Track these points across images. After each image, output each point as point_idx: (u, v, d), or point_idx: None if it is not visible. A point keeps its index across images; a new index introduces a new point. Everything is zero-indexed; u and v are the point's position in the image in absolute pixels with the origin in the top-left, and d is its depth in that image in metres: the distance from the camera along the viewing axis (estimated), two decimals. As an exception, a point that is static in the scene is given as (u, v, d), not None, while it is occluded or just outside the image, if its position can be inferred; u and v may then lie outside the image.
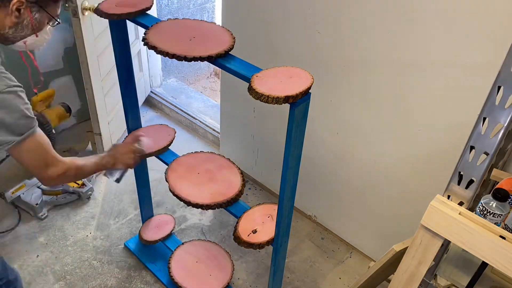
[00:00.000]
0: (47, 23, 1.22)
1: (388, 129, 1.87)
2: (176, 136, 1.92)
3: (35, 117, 1.16)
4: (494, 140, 1.19)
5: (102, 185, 2.60)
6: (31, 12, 1.13)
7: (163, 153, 1.85)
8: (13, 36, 1.16)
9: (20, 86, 1.12)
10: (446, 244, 1.32)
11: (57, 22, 1.23)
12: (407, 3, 1.58)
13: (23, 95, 1.12)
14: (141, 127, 1.96)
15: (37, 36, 1.21)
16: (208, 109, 3.21)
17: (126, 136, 1.61)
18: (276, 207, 1.59)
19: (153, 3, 1.57)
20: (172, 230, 2.22)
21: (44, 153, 1.20)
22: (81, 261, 2.17)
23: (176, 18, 1.54)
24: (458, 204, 1.26)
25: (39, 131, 1.17)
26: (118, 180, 1.58)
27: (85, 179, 2.51)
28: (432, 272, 1.41)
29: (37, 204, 2.33)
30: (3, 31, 1.13)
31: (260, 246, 1.53)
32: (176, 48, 1.34)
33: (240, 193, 1.64)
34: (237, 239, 1.54)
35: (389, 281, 1.80)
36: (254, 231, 1.56)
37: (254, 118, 2.43)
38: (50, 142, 1.23)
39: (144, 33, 1.41)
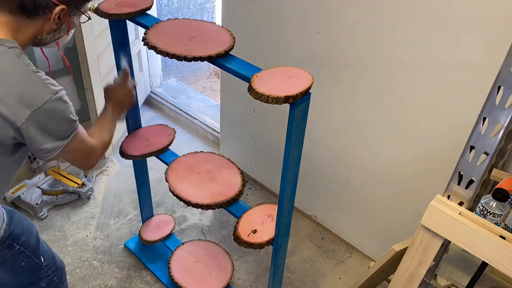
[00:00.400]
0: (79, 19, 1.21)
1: (388, 129, 1.87)
2: (176, 136, 1.92)
3: (77, 117, 1.14)
4: (494, 140, 1.19)
5: (102, 185, 2.60)
6: (70, 16, 1.12)
7: (163, 153, 1.85)
8: (50, 40, 1.15)
9: (62, 88, 1.09)
10: (446, 244, 1.32)
11: (88, 19, 1.23)
12: (407, 3, 1.58)
13: (66, 97, 1.09)
14: (141, 127, 1.96)
15: (68, 34, 1.20)
16: (208, 109, 3.21)
17: (115, 78, 1.54)
18: (276, 207, 1.59)
19: (153, 3, 1.57)
20: (172, 230, 2.22)
21: (84, 147, 1.20)
22: (81, 261, 2.17)
23: (176, 18, 1.54)
24: (458, 204, 1.26)
25: (79, 128, 1.15)
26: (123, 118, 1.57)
27: (85, 180, 2.51)
28: (432, 272, 1.41)
29: (37, 204, 2.33)
30: (41, 36, 1.11)
31: (260, 246, 1.53)
32: (176, 48, 1.34)
33: (240, 193, 1.64)
34: (237, 239, 1.54)
35: (389, 281, 1.80)
36: (254, 231, 1.56)
37: (254, 118, 2.43)
38: (85, 131, 1.21)
39: (144, 33, 1.41)
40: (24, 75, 1.01)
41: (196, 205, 1.59)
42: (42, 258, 1.39)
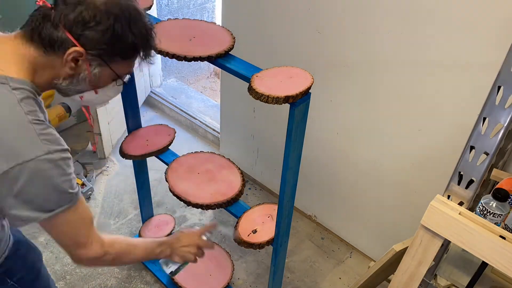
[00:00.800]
0: (112, 80, 1.01)
1: (388, 129, 1.87)
2: (176, 136, 1.92)
3: (76, 191, 0.95)
4: (494, 140, 1.19)
5: (102, 185, 2.60)
6: (89, 66, 0.94)
7: (163, 153, 1.85)
8: (67, 88, 0.98)
9: (66, 151, 0.91)
10: (446, 244, 1.32)
11: (122, 83, 1.03)
12: (407, 3, 1.58)
13: (65, 163, 0.90)
14: (141, 127, 1.97)
15: (96, 93, 1.02)
16: (208, 109, 3.21)
17: (193, 229, 1.39)
18: (276, 207, 1.59)
19: (153, 3, 1.57)
20: (172, 230, 2.22)
21: (75, 231, 1.00)
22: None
23: (176, 18, 1.54)
24: (458, 204, 1.26)
25: (76, 206, 0.95)
26: (172, 273, 1.36)
27: (85, 180, 2.51)
28: (432, 272, 1.41)
29: (37, 204, 2.33)
30: (57, 81, 0.95)
31: (260, 246, 1.53)
32: (176, 48, 1.34)
33: (240, 193, 1.64)
34: (237, 239, 1.54)
35: (389, 281, 1.80)
36: (254, 231, 1.56)
37: (254, 118, 2.43)
38: (90, 217, 1.02)
39: (144, 33, 1.41)
40: (17, 124, 0.85)
41: (196, 205, 1.59)
42: None
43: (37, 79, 0.92)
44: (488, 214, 1.21)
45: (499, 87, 1.14)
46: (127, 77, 1.03)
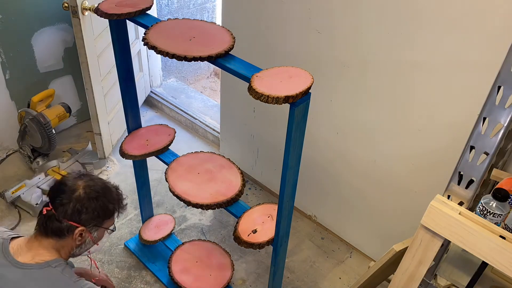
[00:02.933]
0: (105, 232, 1.42)
1: (388, 129, 1.87)
2: (176, 136, 1.92)
3: None
4: (494, 140, 1.19)
5: (102, 185, 2.60)
6: (90, 233, 1.34)
7: (163, 153, 1.85)
8: (79, 252, 1.38)
9: None
10: (446, 244, 1.32)
11: (112, 231, 1.44)
12: (407, 3, 1.58)
13: None
14: (141, 127, 1.97)
15: (97, 244, 1.41)
16: (208, 109, 3.21)
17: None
18: (276, 207, 1.59)
19: (153, 3, 1.58)
20: (172, 230, 2.22)
21: None
22: (81, 261, 2.17)
23: (176, 18, 1.54)
24: (458, 204, 1.26)
25: None
26: None
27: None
28: (432, 272, 1.41)
29: (37, 204, 2.33)
30: (72, 252, 1.35)
31: (260, 246, 1.53)
32: (176, 48, 1.34)
33: (240, 193, 1.64)
34: (237, 239, 1.54)
35: (389, 281, 1.80)
36: (254, 231, 1.56)
37: (254, 118, 2.43)
38: None
39: (144, 33, 1.42)
40: (67, 285, 1.26)
41: (196, 205, 1.59)
42: None
43: (62, 254, 1.32)
44: (488, 214, 1.21)
45: (499, 87, 1.14)
46: (114, 226, 1.44)
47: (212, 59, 1.32)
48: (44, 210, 1.30)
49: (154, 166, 2.54)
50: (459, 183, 1.29)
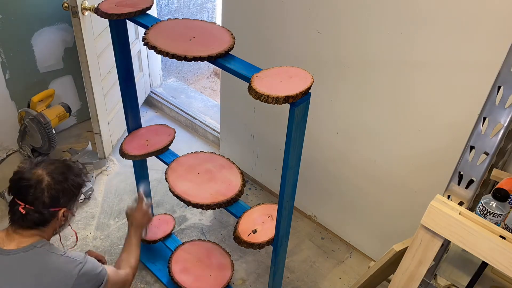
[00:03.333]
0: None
1: (388, 129, 1.87)
2: (176, 136, 1.92)
3: (102, 267, 1.37)
4: (494, 140, 1.19)
5: (102, 185, 2.60)
6: (70, 210, 1.39)
7: (163, 153, 1.85)
8: (62, 229, 1.42)
9: (85, 256, 1.35)
10: (446, 244, 1.32)
11: (83, 199, 1.56)
12: (407, 3, 1.58)
13: (89, 259, 1.35)
14: (141, 127, 1.97)
15: (74, 215, 1.46)
16: (208, 109, 3.21)
17: (133, 201, 1.76)
18: (276, 207, 1.59)
19: (153, 3, 1.58)
20: (172, 230, 2.22)
21: (117, 282, 1.45)
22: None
23: (176, 18, 1.54)
24: (458, 204, 1.26)
25: (108, 271, 1.40)
26: (145, 234, 1.77)
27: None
28: (432, 272, 1.41)
29: (37, 204, 2.33)
30: (55, 231, 1.39)
31: (260, 246, 1.53)
32: (176, 48, 1.34)
33: (240, 193, 1.64)
34: (237, 239, 1.54)
35: (389, 281, 1.80)
36: (254, 231, 1.56)
37: (254, 118, 2.43)
38: (113, 269, 1.46)
39: (144, 33, 1.42)
40: (58, 261, 1.30)
41: (196, 205, 1.59)
42: None
43: (45, 236, 1.34)
44: (488, 214, 1.21)
45: (499, 87, 1.14)
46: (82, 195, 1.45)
47: (212, 59, 1.32)
48: (20, 210, 1.29)
49: (154, 166, 2.54)
50: (459, 183, 1.29)
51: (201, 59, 1.31)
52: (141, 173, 2.08)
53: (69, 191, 1.34)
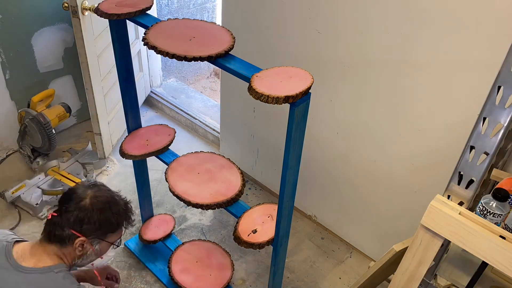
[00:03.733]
0: (110, 247, 1.42)
1: (388, 129, 1.87)
2: (176, 136, 1.92)
3: None
4: (494, 140, 1.19)
5: (102, 185, 2.60)
6: (92, 245, 1.33)
7: (163, 153, 1.85)
8: (82, 264, 1.38)
9: None
10: (446, 244, 1.32)
11: (117, 246, 1.44)
12: (407, 3, 1.58)
13: None
14: (141, 127, 1.97)
15: (102, 258, 1.43)
16: (208, 109, 3.21)
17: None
18: (276, 207, 1.59)
19: (153, 3, 1.58)
20: (172, 230, 2.22)
21: None
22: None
23: (176, 18, 1.54)
24: (458, 204, 1.26)
25: None
26: None
27: (85, 179, 2.51)
28: (432, 272, 1.41)
29: (37, 204, 2.33)
30: (74, 262, 1.34)
31: (260, 246, 1.53)
32: (176, 48, 1.34)
33: (240, 193, 1.64)
34: (237, 239, 1.54)
35: (389, 281, 1.80)
36: (254, 231, 1.56)
37: (254, 118, 2.43)
38: None
39: (144, 33, 1.42)
40: None
41: (196, 205, 1.59)
42: None
43: (65, 261, 1.31)
44: (488, 214, 1.21)
45: (499, 87, 1.14)
46: (119, 241, 1.44)
47: (212, 59, 1.32)
48: (49, 215, 1.30)
49: (154, 166, 2.54)
50: (459, 183, 1.29)
51: (201, 59, 1.31)
52: (141, 173, 2.08)
53: (97, 223, 1.30)
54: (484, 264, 1.23)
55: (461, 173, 1.27)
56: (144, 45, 1.38)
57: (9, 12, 2.42)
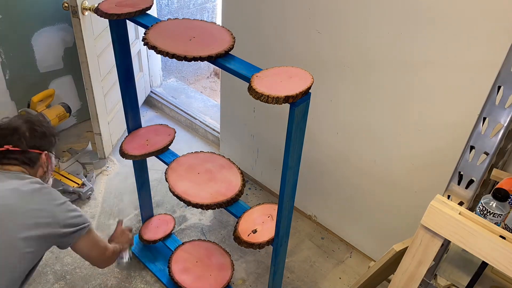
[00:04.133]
0: (56, 160, 1.61)
1: (388, 129, 1.87)
2: (176, 136, 1.92)
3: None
4: (494, 140, 1.19)
5: (102, 185, 2.60)
6: (50, 158, 1.49)
7: (163, 153, 1.85)
8: (48, 178, 1.52)
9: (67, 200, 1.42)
10: (446, 244, 1.32)
11: (58, 160, 1.58)
12: (407, 3, 1.58)
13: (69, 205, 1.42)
14: (141, 127, 1.97)
15: (52, 175, 1.57)
16: (208, 109, 3.21)
17: (115, 230, 1.79)
18: (276, 207, 1.59)
19: (153, 3, 1.58)
20: (172, 230, 2.22)
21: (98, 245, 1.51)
22: (81, 261, 2.17)
23: (176, 18, 1.54)
24: (458, 204, 1.26)
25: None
26: (130, 259, 1.77)
27: (85, 180, 2.51)
28: (432, 272, 1.41)
29: (37, 204, 2.33)
30: (42, 176, 1.47)
31: (260, 246, 1.53)
32: (176, 48, 1.34)
33: (240, 193, 1.64)
34: (237, 239, 1.54)
35: (389, 281, 1.80)
36: (254, 231, 1.56)
37: (254, 118, 2.43)
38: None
39: (144, 33, 1.41)
40: (49, 188, 1.41)
41: (196, 205, 1.59)
42: None
43: (34, 174, 1.44)
44: (488, 214, 1.21)
45: (499, 87, 1.14)
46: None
47: (212, 59, 1.32)
48: (5, 147, 1.38)
49: (154, 166, 2.54)
50: (459, 183, 1.29)
51: (201, 59, 1.31)
52: (141, 173, 2.08)
53: (47, 136, 1.46)
54: (484, 264, 1.22)
55: (461, 173, 1.27)
56: (144, 45, 1.38)
57: (9, 12, 2.42)
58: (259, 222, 1.59)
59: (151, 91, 3.31)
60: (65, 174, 2.51)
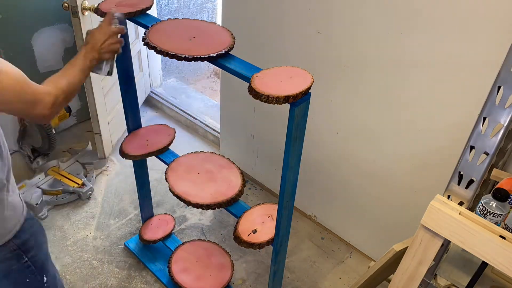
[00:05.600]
0: None
1: (388, 129, 1.87)
2: (176, 136, 1.92)
3: None
4: (494, 140, 1.19)
5: (102, 185, 2.60)
6: None
7: (163, 153, 1.85)
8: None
9: None
10: (446, 244, 1.32)
11: None
12: (407, 3, 1.58)
13: None
14: (141, 127, 1.97)
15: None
16: (208, 109, 3.21)
17: (100, 22, 1.36)
18: (276, 207, 1.59)
19: (153, 3, 1.58)
20: (172, 230, 2.22)
21: (23, 92, 1.12)
22: (81, 261, 2.17)
23: (176, 18, 1.54)
24: (458, 204, 1.26)
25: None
26: (110, 73, 1.38)
27: (85, 180, 2.51)
28: (432, 272, 1.41)
29: (37, 204, 2.33)
30: None
31: (260, 246, 1.53)
32: (176, 48, 1.34)
33: (240, 193, 1.64)
34: (237, 239, 1.54)
35: (389, 281, 1.80)
36: (254, 231, 1.56)
37: (254, 118, 2.43)
38: (22, 76, 1.14)
39: (144, 33, 1.42)
40: None
41: (196, 205, 1.59)
42: (45, 278, 1.35)
43: None
44: (488, 214, 1.21)
45: (499, 87, 1.14)
46: None
47: (212, 59, 1.32)
48: None
49: (154, 166, 2.54)
50: (459, 183, 1.29)
51: (201, 59, 1.31)
52: (141, 173, 2.08)
53: None
54: (484, 264, 1.22)
55: (461, 173, 1.27)
56: (144, 45, 1.38)
57: (9, 12, 2.42)
58: (259, 222, 1.59)
59: (151, 91, 3.31)
60: (65, 174, 2.51)
